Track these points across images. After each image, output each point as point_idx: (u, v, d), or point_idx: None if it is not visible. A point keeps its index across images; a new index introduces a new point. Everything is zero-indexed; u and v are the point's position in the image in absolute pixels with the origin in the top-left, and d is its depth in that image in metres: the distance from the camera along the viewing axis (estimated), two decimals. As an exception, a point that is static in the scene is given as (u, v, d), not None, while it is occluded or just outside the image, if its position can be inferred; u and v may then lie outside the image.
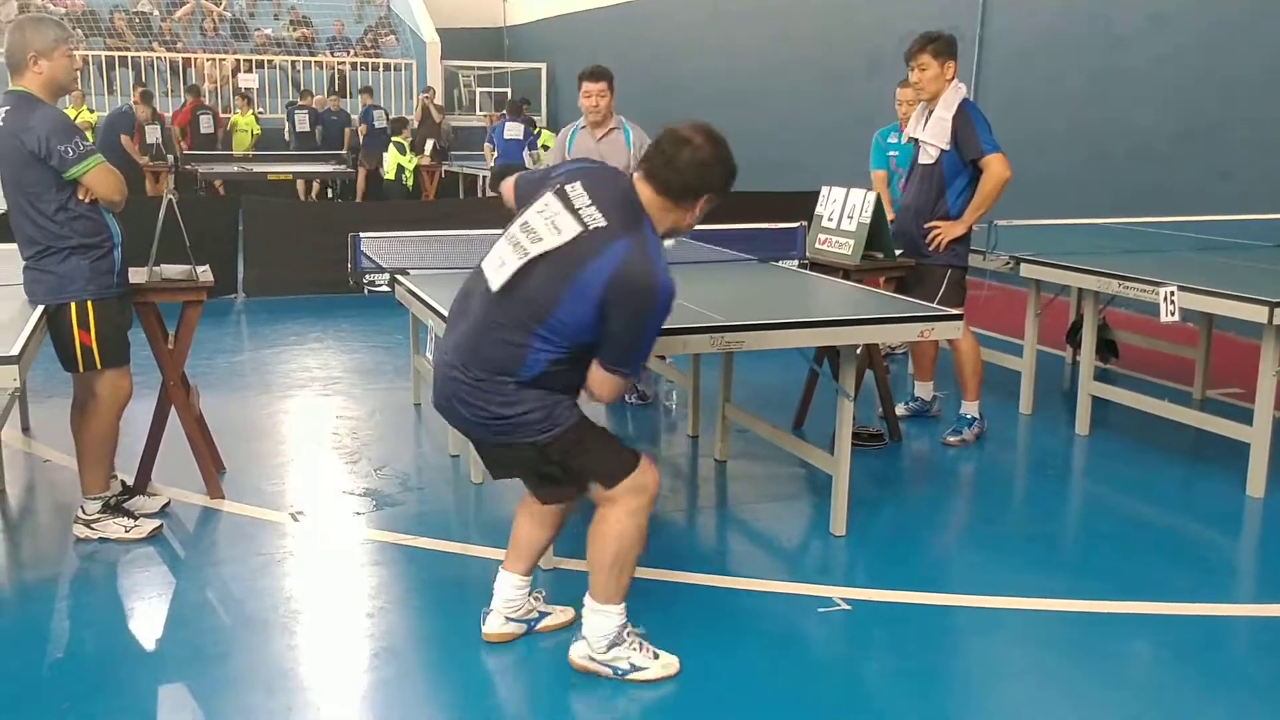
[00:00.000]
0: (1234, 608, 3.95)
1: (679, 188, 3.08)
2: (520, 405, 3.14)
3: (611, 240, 3.00)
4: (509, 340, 3.09)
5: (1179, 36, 8.93)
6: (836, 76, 13.17)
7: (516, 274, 3.06)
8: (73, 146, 4.01)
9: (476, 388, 3.14)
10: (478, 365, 3.13)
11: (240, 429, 5.71)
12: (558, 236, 3.03)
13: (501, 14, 24.51)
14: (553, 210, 3.08)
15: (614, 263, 2.97)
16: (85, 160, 4.04)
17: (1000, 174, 5.32)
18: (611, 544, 3.27)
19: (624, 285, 2.97)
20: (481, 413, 3.17)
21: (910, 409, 6.07)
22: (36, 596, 3.89)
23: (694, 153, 3.06)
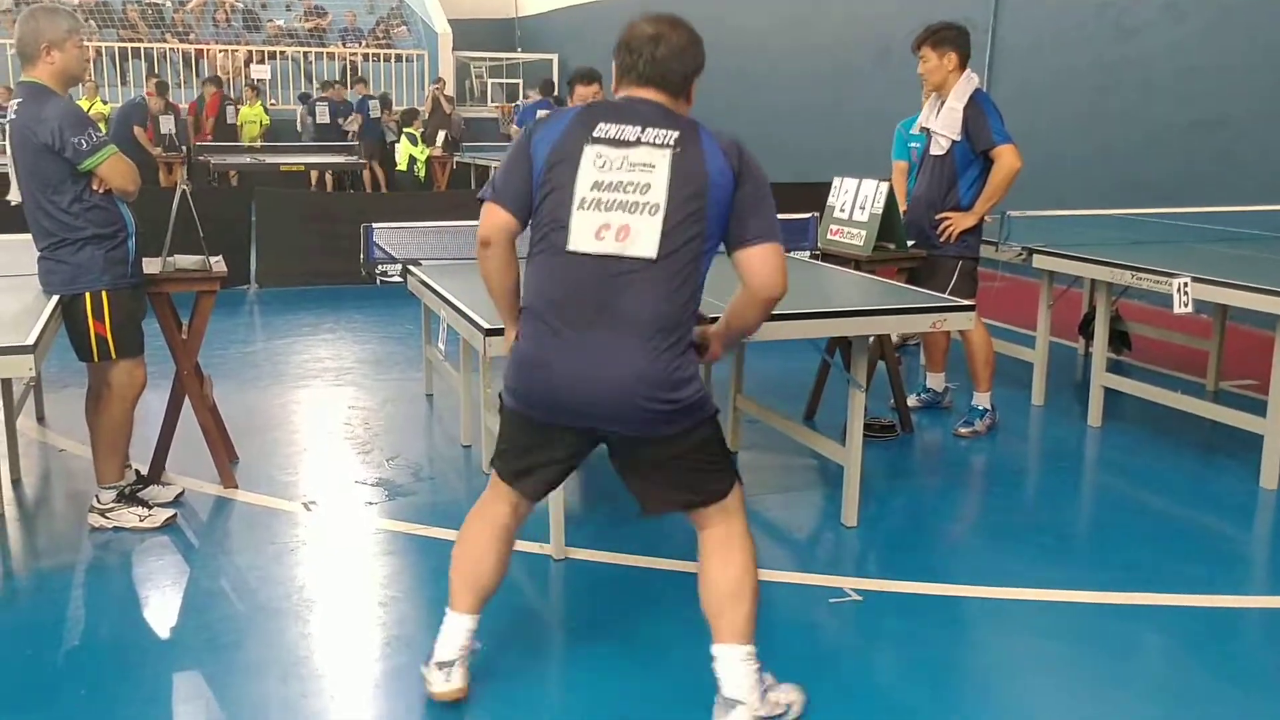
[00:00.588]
0: (1246, 599, 3.94)
1: (681, 80, 2.94)
2: (694, 372, 2.86)
3: (695, 136, 2.82)
4: (684, 286, 2.81)
5: (1191, 27, 8.89)
6: (848, 67, 13.14)
7: (664, 232, 2.77)
8: (86, 138, 4.03)
9: (652, 361, 2.77)
10: (649, 331, 2.77)
11: (253, 419, 5.74)
12: (657, 172, 2.78)
13: (513, 5, 24.50)
14: (620, 156, 2.81)
15: (717, 147, 2.81)
16: (99, 151, 4.06)
17: (1011, 164, 5.31)
18: (748, 570, 2.96)
19: (739, 157, 2.82)
20: (661, 399, 2.80)
21: (922, 400, 6.07)
22: (52, 585, 3.92)
23: (675, 42, 2.93)
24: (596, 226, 2.80)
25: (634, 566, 4.08)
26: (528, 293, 2.93)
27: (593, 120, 2.88)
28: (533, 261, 2.92)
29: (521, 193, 2.91)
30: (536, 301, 2.88)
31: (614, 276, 2.79)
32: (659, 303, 2.79)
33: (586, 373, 2.80)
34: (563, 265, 2.83)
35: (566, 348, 2.82)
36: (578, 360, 2.81)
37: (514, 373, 2.93)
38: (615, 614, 3.72)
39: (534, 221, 2.92)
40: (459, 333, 4.39)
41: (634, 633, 3.58)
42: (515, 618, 3.70)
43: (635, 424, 2.85)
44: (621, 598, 3.86)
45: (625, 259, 2.79)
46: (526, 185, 2.90)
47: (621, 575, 4.03)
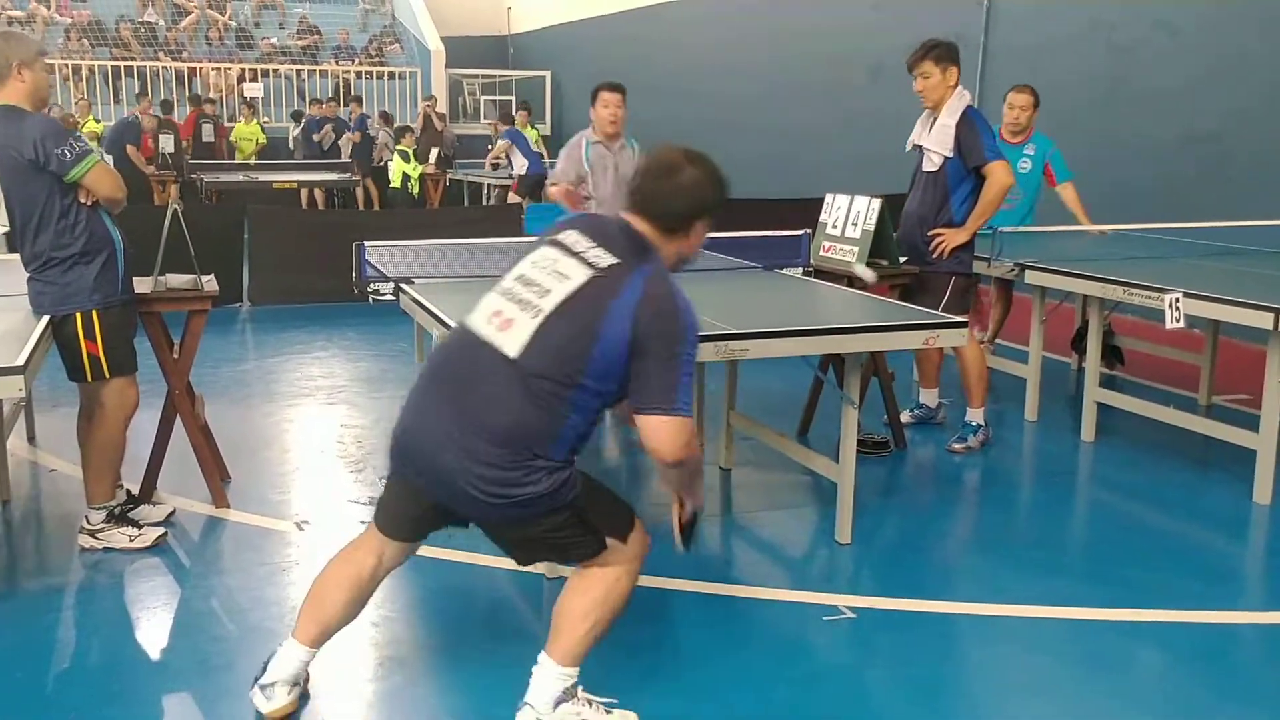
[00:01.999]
0: (1241, 615, 3.94)
1: (674, 217, 2.90)
2: (541, 478, 2.79)
3: (628, 274, 2.78)
4: (539, 411, 2.75)
5: (1182, 42, 8.93)
6: (840, 84, 13.18)
7: (534, 336, 2.77)
8: (69, 148, 4.03)
9: (491, 465, 2.76)
10: (496, 440, 2.75)
11: (245, 438, 5.72)
12: (566, 283, 2.79)
13: (506, 22, 24.57)
14: (551, 259, 2.87)
15: (636, 295, 2.74)
16: (83, 161, 4.05)
17: (1003, 181, 5.33)
18: (600, 606, 2.97)
19: (652, 314, 2.73)
20: (495, 493, 2.78)
21: (915, 416, 6.07)
22: (42, 606, 3.89)
23: (681, 179, 2.89)
24: (491, 311, 2.89)
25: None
26: None
27: (569, 227, 2.98)
28: None
29: None
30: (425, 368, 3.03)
31: (480, 363, 2.82)
32: (512, 412, 2.76)
33: (429, 443, 2.84)
34: (456, 336, 2.98)
35: (424, 412, 2.89)
36: (426, 427, 2.86)
37: None
38: (611, 632, 3.69)
39: None
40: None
41: (628, 652, 3.56)
42: (509, 638, 3.68)
43: (466, 506, 2.87)
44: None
45: (493, 348, 2.82)
46: None
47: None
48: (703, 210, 2.94)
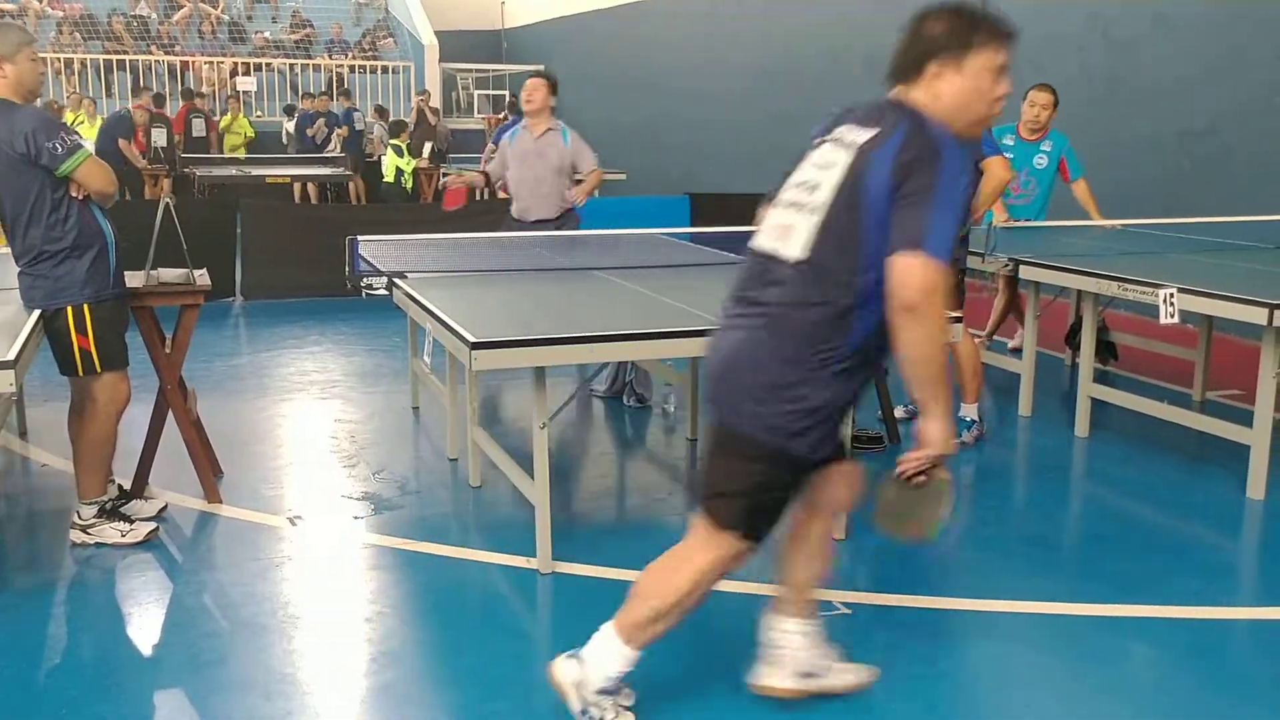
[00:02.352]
0: (1235, 610, 3.93)
1: (904, 69, 2.80)
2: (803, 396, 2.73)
3: (890, 135, 2.66)
4: (828, 310, 2.68)
5: (1180, 38, 8.92)
6: (834, 78, 13.15)
7: (815, 232, 2.68)
8: (60, 142, 4.00)
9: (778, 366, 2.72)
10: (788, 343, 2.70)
11: (238, 433, 5.70)
12: (834, 171, 2.70)
13: (500, 17, 24.52)
14: (823, 156, 2.78)
15: (896, 144, 2.63)
16: (74, 155, 4.03)
17: (1001, 176, 5.33)
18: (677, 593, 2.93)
19: (911, 153, 2.61)
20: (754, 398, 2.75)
21: (910, 411, 6.05)
22: (33, 602, 3.87)
23: (909, 30, 2.80)
24: (773, 226, 2.85)
25: (624, 580, 4.05)
26: None
27: (841, 118, 2.88)
28: None
29: None
30: None
31: (768, 274, 2.79)
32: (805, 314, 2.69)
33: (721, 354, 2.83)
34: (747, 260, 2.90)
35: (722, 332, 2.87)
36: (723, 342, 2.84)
37: None
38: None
39: None
40: (445, 345, 4.36)
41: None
42: (502, 632, 3.67)
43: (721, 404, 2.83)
44: (610, 611, 3.82)
45: (778, 258, 2.77)
46: None
47: (611, 589, 4.00)
48: (931, 49, 2.76)
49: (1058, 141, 7.01)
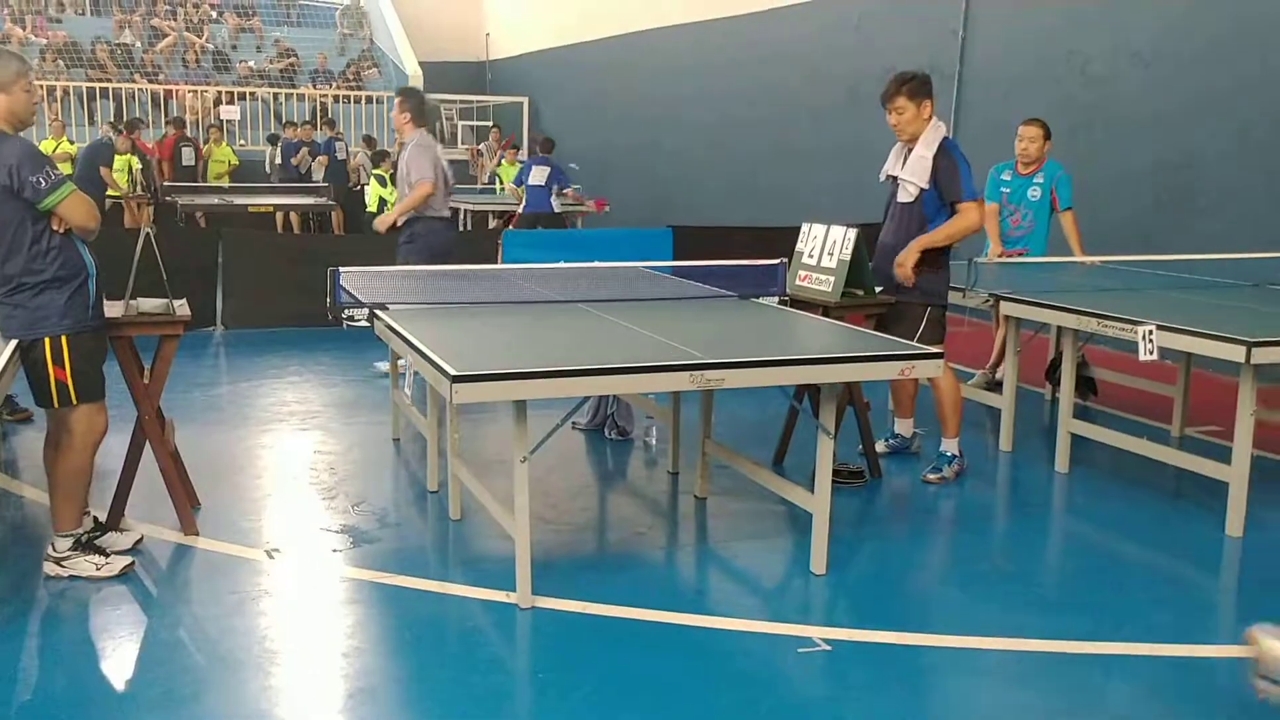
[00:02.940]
0: (1213, 649, 3.93)
1: None
2: None
3: None
4: None
5: (1157, 74, 9.02)
6: (818, 110, 13.25)
7: None
8: (44, 176, 3.99)
9: None
10: None
11: (216, 464, 5.66)
12: None
13: (484, 48, 24.63)
14: None
15: None
16: (58, 189, 4.01)
17: (973, 222, 5.41)
18: None
19: None
20: None
21: (890, 446, 6.07)
22: (5, 635, 3.82)
23: None
24: None
25: (605, 615, 4.03)
26: None
27: None
28: None
29: None
30: None
31: None
32: None
33: None
34: None
35: None
36: None
37: None
38: (585, 663, 3.67)
39: None
40: (425, 378, 4.35)
41: (604, 683, 3.53)
42: (481, 668, 3.64)
43: None
44: (590, 647, 3.81)
45: None
46: None
47: (591, 624, 3.98)
48: None
49: (1050, 171, 7.12)
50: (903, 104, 5.41)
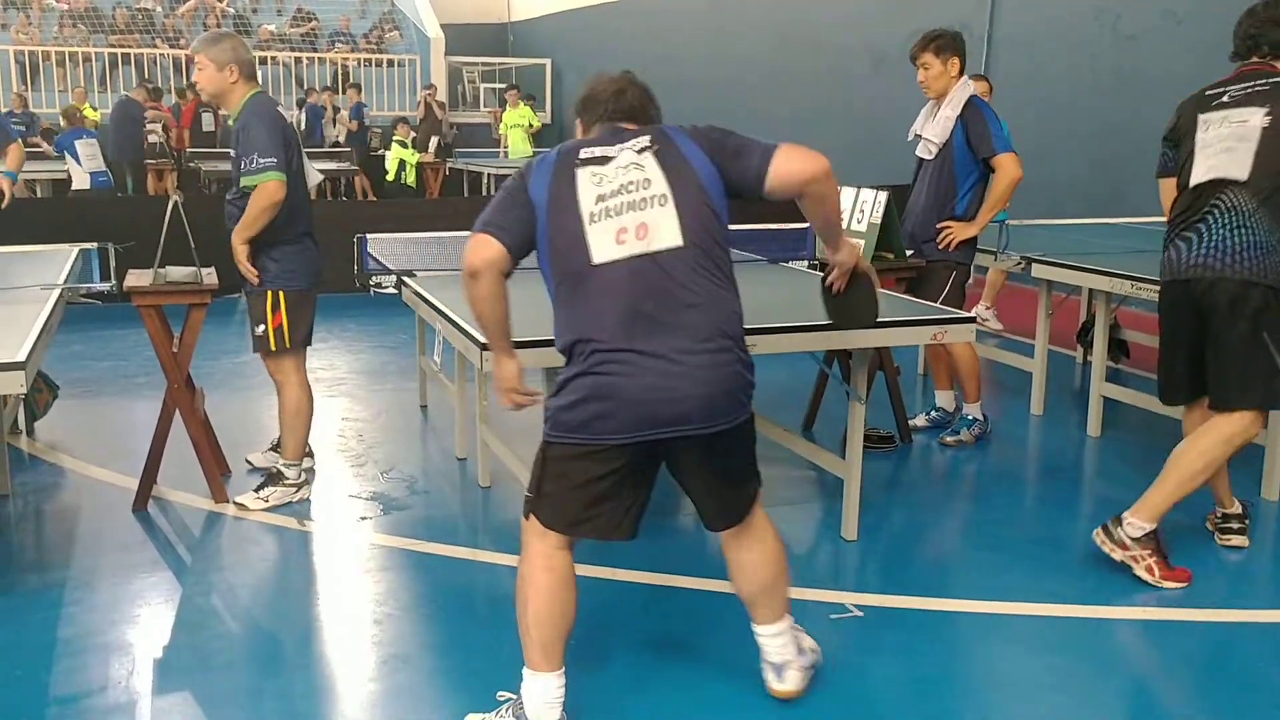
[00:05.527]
0: (1249, 613, 3.90)
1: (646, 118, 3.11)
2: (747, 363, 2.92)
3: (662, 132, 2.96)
4: (727, 284, 2.87)
5: (1189, 33, 8.87)
6: (843, 74, 13.12)
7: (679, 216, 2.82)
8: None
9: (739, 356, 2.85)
10: (728, 332, 2.83)
11: (246, 432, 5.67)
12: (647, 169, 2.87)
13: (506, 9, 24.47)
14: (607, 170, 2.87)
15: (683, 133, 2.94)
16: None
17: (1013, 174, 5.29)
18: (781, 560, 3.18)
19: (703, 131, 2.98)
20: (747, 391, 2.90)
21: (932, 419, 5.94)
22: (42, 602, 3.85)
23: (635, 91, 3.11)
24: (615, 232, 2.81)
25: (632, 582, 4.03)
26: (575, 328, 2.84)
27: (575, 150, 2.94)
28: (563, 299, 2.89)
29: (518, 227, 2.88)
30: (590, 329, 2.80)
31: (654, 278, 2.78)
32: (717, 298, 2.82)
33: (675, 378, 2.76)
34: (597, 282, 2.80)
35: (647, 363, 2.76)
36: (662, 369, 2.75)
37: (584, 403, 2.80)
38: (615, 628, 3.67)
39: (552, 261, 2.89)
40: (454, 345, 4.34)
41: (630, 650, 3.53)
42: (513, 633, 3.64)
43: (727, 417, 2.84)
44: (621, 612, 3.81)
45: (654, 255, 2.79)
46: (525, 222, 2.88)
47: (618, 590, 3.98)
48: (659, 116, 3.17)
49: None
50: (928, 60, 5.34)
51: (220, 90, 4.56)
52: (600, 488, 2.88)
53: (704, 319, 2.78)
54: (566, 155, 2.93)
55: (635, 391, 2.75)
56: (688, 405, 2.77)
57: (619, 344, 2.76)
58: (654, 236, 2.79)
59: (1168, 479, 4.03)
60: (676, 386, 2.75)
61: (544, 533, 2.96)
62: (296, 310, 4.64)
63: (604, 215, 2.82)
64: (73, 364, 7.04)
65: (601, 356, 2.78)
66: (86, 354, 7.38)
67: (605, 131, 3.01)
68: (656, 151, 2.88)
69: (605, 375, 2.77)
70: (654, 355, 2.75)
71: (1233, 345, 3.96)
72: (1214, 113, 4.16)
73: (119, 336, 7.74)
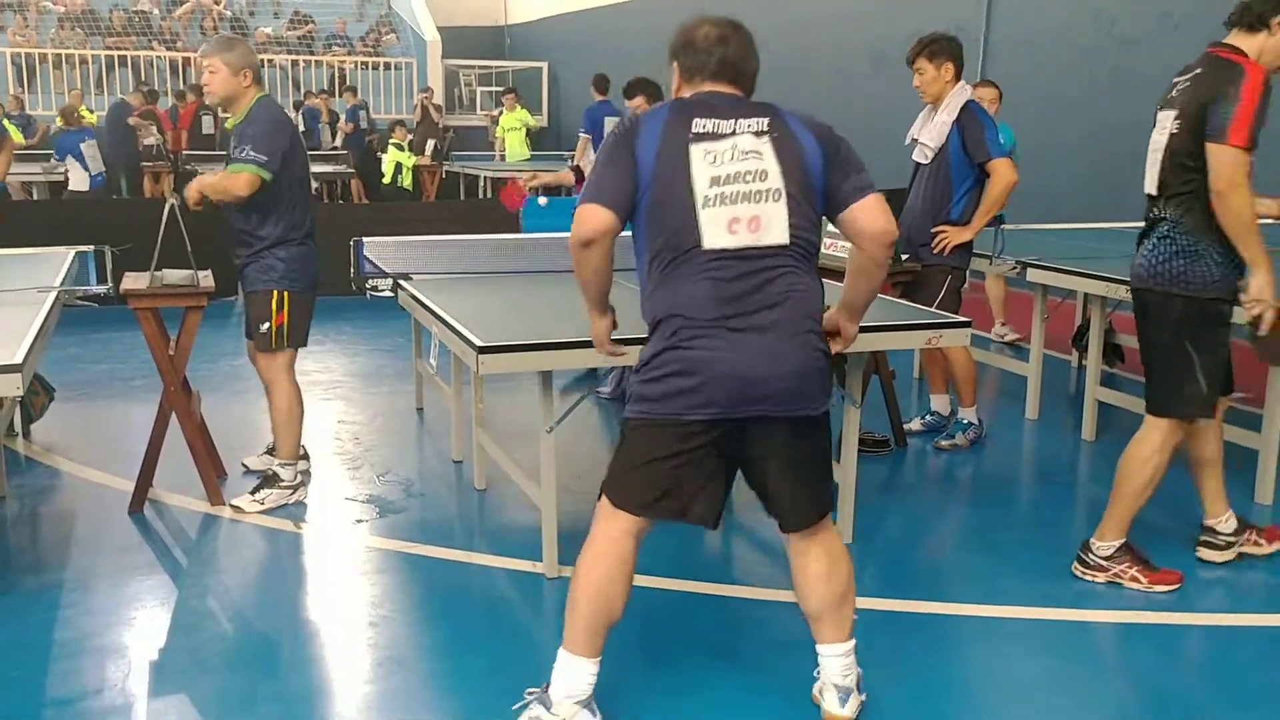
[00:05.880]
0: (1244, 617, 3.91)
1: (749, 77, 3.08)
2: None
3: (778, 114, 2.93)
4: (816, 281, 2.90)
5: (1186, 37, 8.89)
6: (841, 77, 13.13)
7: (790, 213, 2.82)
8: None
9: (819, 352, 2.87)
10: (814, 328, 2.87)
11: (242, 435, 5.67)
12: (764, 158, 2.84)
13: (503, 13, 24.48)
14: (727, 146, 2.84)
15: (797, 119, 2.92)
16: None
17: (1009, 178, 5.31)
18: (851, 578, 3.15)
19: (821, 126, 2.94)
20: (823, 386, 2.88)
21: (926, 424, 5.95)
22: (39, 604, 3.86)
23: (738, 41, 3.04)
24: (728, 221, 2.79)
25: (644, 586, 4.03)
26: (668, 304, 2.82)
27: (687, 117, 2.87)
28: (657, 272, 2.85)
29: (622, 191, 2.82)
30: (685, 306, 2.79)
31: (758, 269, 2.79)
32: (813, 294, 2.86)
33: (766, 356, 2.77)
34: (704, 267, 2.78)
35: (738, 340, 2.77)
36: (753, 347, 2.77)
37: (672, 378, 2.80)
38: (612, 632, 3.67)
39: (651, 232, 2.85)
40: (450, 349, 4.35)
41: (624, 653, 3.54)
42: (508, 638, 3.65)
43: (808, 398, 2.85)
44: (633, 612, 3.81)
45: (761, 250, 2.79)
46: (629, 183, 2.82)
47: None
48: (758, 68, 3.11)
49: (1007, 135, 7.09)
50: (922, 65, 5.36)
51: (232, 94, 4.58)
52: (677, 466, 2.86)
53: (796, 310, 2.81)
54: (677, 121, 2.86)
55: (725, 368, 2.76)
56: (776, 386, 2.79)
57: (712, 322, 2.77)
58: (765, 231, 2.80)
59: (1121, 493, 4.05)
60: (766, 366, 2.77)
61: (614, 512, 2.96)
62: (297, 311, 4.66)
63: (719, 201, 2.79)
64: (69, 366, 7.04)
65: (693, 332, 2.78)
66: (83, 356, 7.38)
67: (715, 99, 2.93)
68: (775, 139, 2.85)
69: (695, 350, 2.78)
70: (745, 333, 2.77)
71: (1157, 354, 3.96)
72: (1160, 112, 4.01)
73: (115, 339, 7.74)
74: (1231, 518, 4.35)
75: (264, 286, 4.62)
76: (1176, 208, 3.86)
